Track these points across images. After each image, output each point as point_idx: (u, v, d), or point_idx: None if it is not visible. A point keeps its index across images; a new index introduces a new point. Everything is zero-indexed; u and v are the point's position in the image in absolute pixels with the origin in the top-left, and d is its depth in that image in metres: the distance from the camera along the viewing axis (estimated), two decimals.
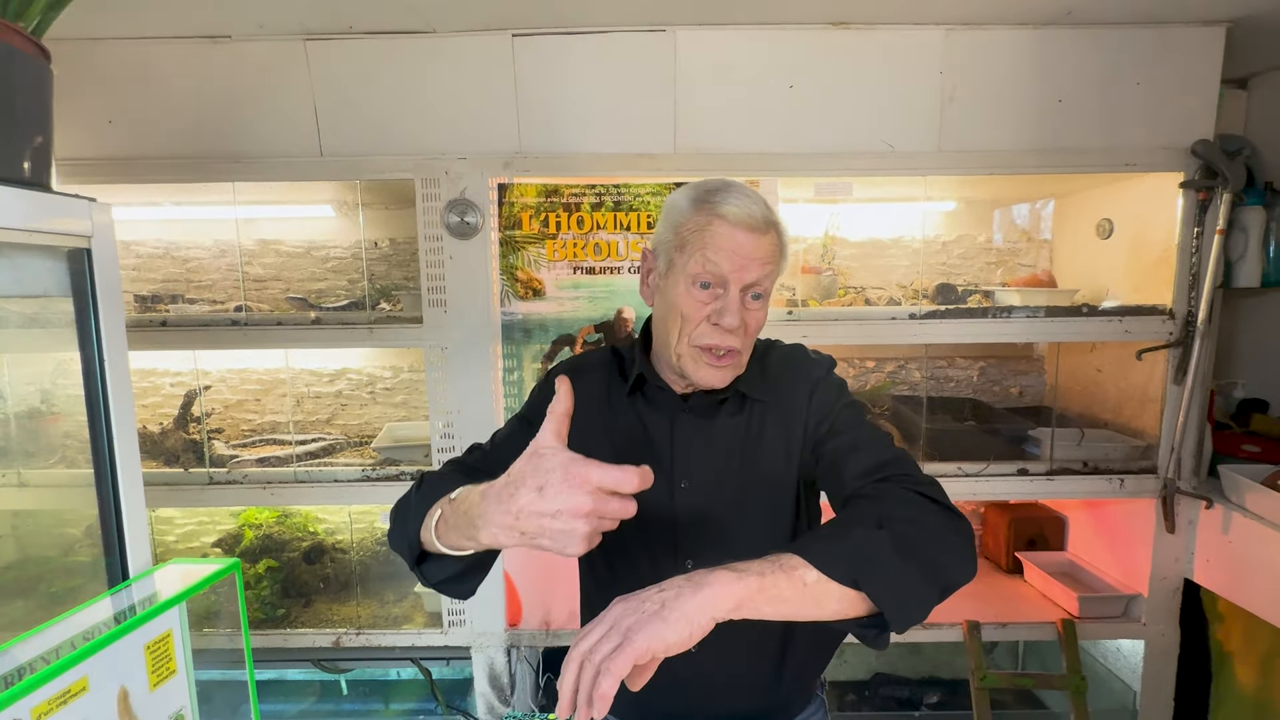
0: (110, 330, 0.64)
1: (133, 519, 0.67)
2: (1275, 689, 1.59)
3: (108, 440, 0.64)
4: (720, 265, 0.79)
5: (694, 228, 0.81)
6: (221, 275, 2.12)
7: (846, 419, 0.85)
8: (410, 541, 0.77)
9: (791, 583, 0.60)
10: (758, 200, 0.82)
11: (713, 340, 0.81)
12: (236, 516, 2.11)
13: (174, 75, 1.61)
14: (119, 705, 0.64)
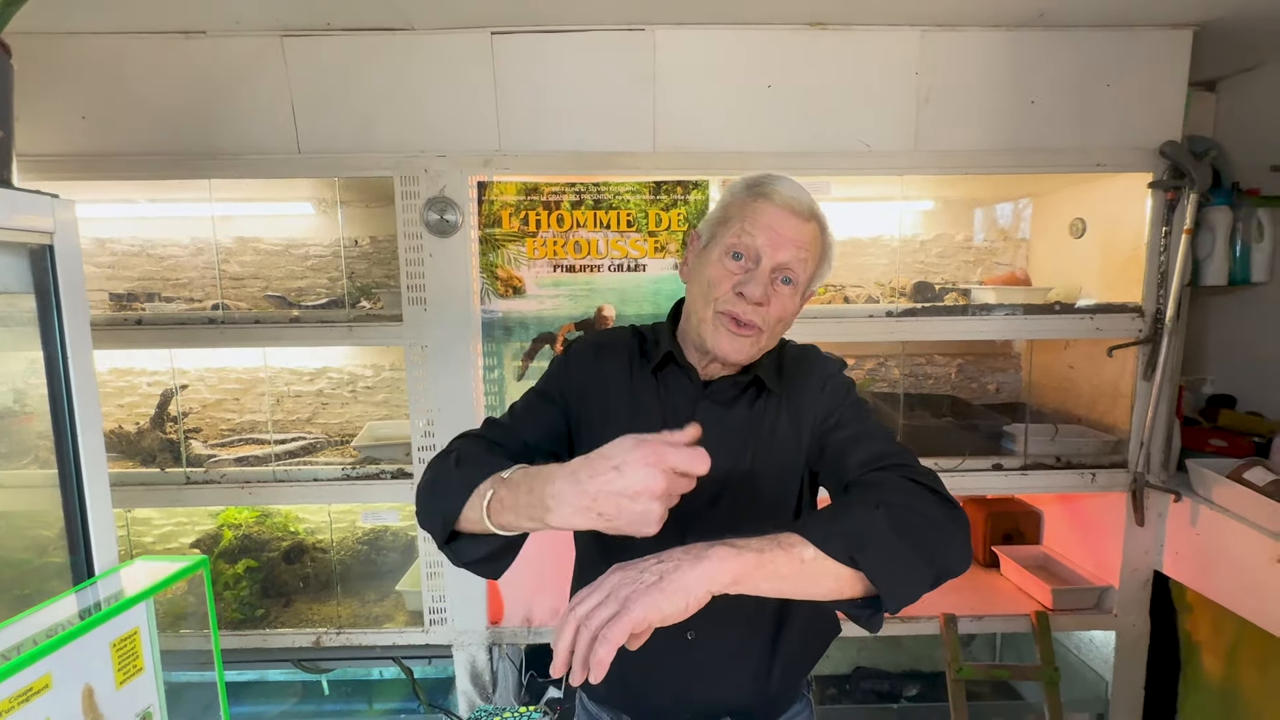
0: (74, 327, 0.63)
1: (98, 516, 0.67)
2: (1241, 678, 1.63)
3: (71, 436, 0.64)
4: (756, 238, 0.82)
5: (740, 204, 0.85)
6: (199, 273, 2.10)
7: (852, 413, 0.88)
8: (446, 518, 0.73)
9: (789, 559, 0.61)
10: (808, 195, 0.86)
11: (735, 308, 0.82)
12: (215, 517, 2.09)
13: (148, 71, 1.59)
14: (83, 703, 0.64)
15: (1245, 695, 1.61)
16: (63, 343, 0.62)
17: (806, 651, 0.99)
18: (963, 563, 0.69)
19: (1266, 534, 1.49)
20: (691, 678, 0.90)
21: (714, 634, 0.89)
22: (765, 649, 0.93)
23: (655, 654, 0.83)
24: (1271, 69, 1.85)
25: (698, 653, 0.88)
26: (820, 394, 0.90)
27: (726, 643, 0.89)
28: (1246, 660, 1.60)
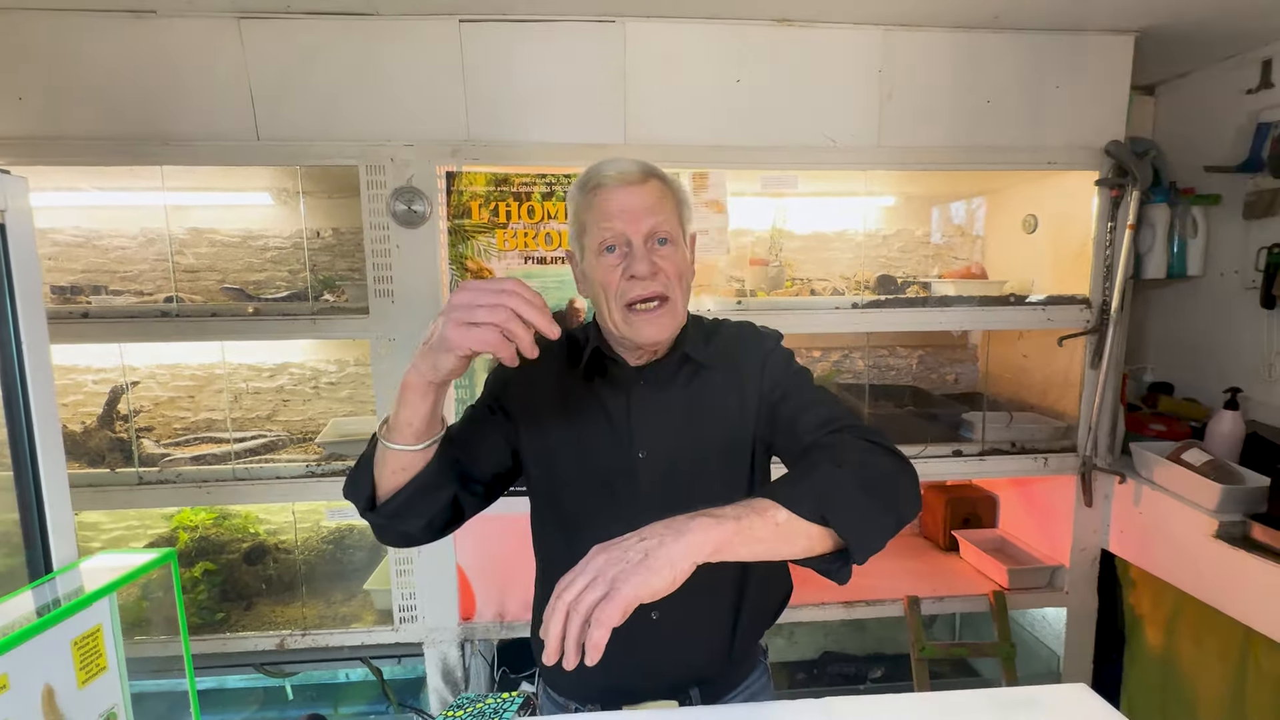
0: (28, 312, 0.60)
1: (56, 509, 0.64)
2: (1179, 648, 1.73)
3: (27, 427, 0.61)
4: (614, 225, 0.83)
5: (584, 207, 0.86)
6: (149, 266, 2.01)
7: (797, 383, 0.91)
8: (364, 479, 0.79)
9: (765, 523, 0.64)
10: (634, 160, 0.87)
11: (634, 293, 0.84)
12: (170, 519, 2.01)
13: (93, 50, 1.52)
14: (44, 704, 0.61)
15: (1183, 664, 1.71)
16: (16, 328, 0.59)
17: (764, 614, 1.02)
18: (915, 508, 0.75)
19: (1202, 511, 1.59)
20: (658, 655, 0.92)
21: (677, 609, 0.89)
22: (727, 617, 0.95)
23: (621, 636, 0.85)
24: (1204, 75, 1.97)
25: (663, 629, 0.90)
26: (763, 369, 0.92)
27: (690, 616, 0.91)
28: (1184, 631, 1.71)
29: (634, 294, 0.83)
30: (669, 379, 0.92)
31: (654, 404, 0.91)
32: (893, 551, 2.23)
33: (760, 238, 2.10)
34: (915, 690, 1.80)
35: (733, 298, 1.78)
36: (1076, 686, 0.77)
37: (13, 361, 0.60)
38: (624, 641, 0.88)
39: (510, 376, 0.97)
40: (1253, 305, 1.82)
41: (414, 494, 0.79)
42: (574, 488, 0.93)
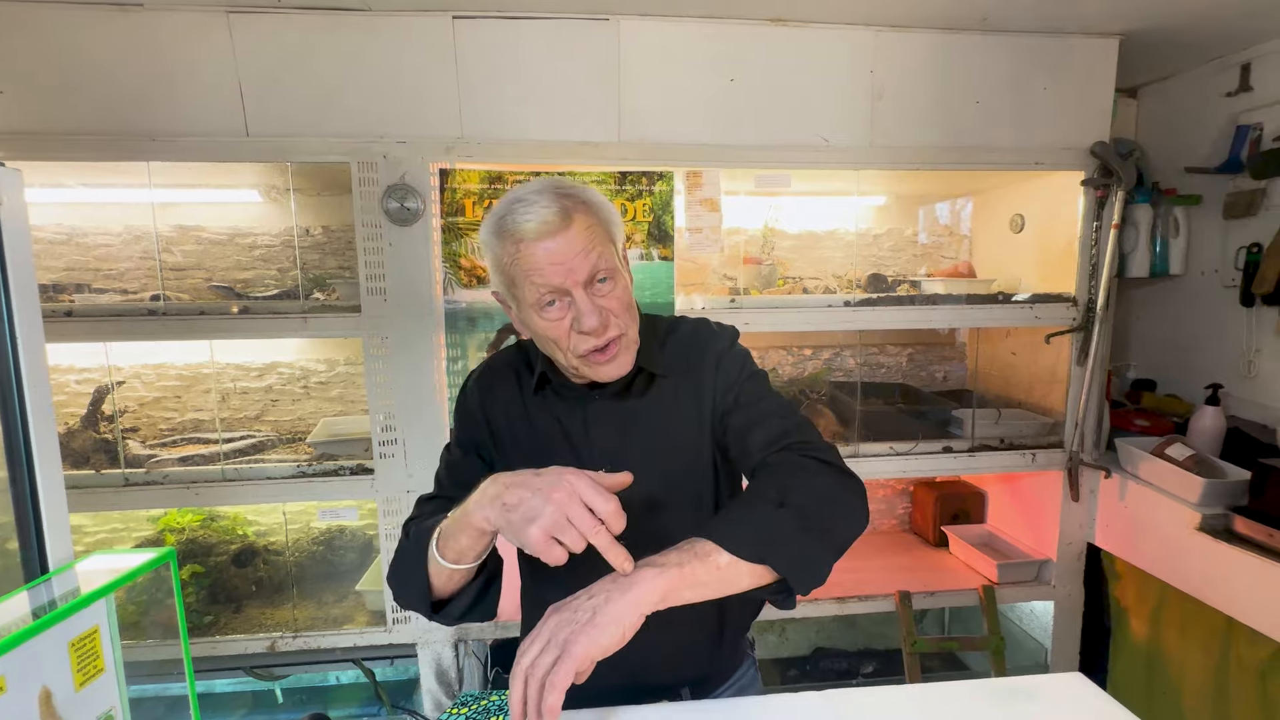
0: (23, 307, 0.59)
1: (52, 509, 0.63)
2: (1163, 639, 1.77)
3: (22, 427, 0.59)
4: (550, 280, 0.77)
5: (509, 260, 0.79)
6: (134, 264, 1.97)
7: (750, 391, 0.88)
8: (421, 589, 0.77)
9: (707, 568, 0.66)
10: (547, 199, 0.78)
11: (587, 346, 0.81)
12: (155, 522, 1.98)
13: (77, 43, 1.49)
14: (40, 706, 0.60)
15: (1167, 654, 1.75)
16: (11, 326, 0.58)
17: (746, 615, 1.02)
18: (860, 527, 0.75)
19: (1185, 504, 1.62)
20: (648, 660, 0.91)
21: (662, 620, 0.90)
22: (713, 618, 0.95)
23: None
24: (1185, 78, 2.01)
25: (652, 635, 0.89)
26: (716, 371, 0.89)
27: (678, 621, 0.91)
28: (1168, 622, 1.74)
29: (589, 346, 0.81)
30: (623, 391, 0.90)
31: (611, 417, 0.90)
32: (883, 548, 2.25)
33: (753, 237, 2.11)
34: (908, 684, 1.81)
35: (726, 296, 1.79)
36: (1073, 676, 0.78)
37: (8, 359, 0.59)
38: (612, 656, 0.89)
39: (472, 408, 0.95)
40: (1233, 303, 1.86)
41: (477, 595, 0.79)
42: None
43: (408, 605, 0.81)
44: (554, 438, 0.91)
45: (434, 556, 0.74)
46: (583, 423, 0.90)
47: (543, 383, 0.91)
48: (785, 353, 2.29)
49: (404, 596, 0.81)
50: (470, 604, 0.79)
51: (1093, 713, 0.72)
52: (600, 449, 0.89)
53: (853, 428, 1.93)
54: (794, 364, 2.29)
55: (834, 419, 1.98)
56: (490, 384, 0.96)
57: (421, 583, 0.76)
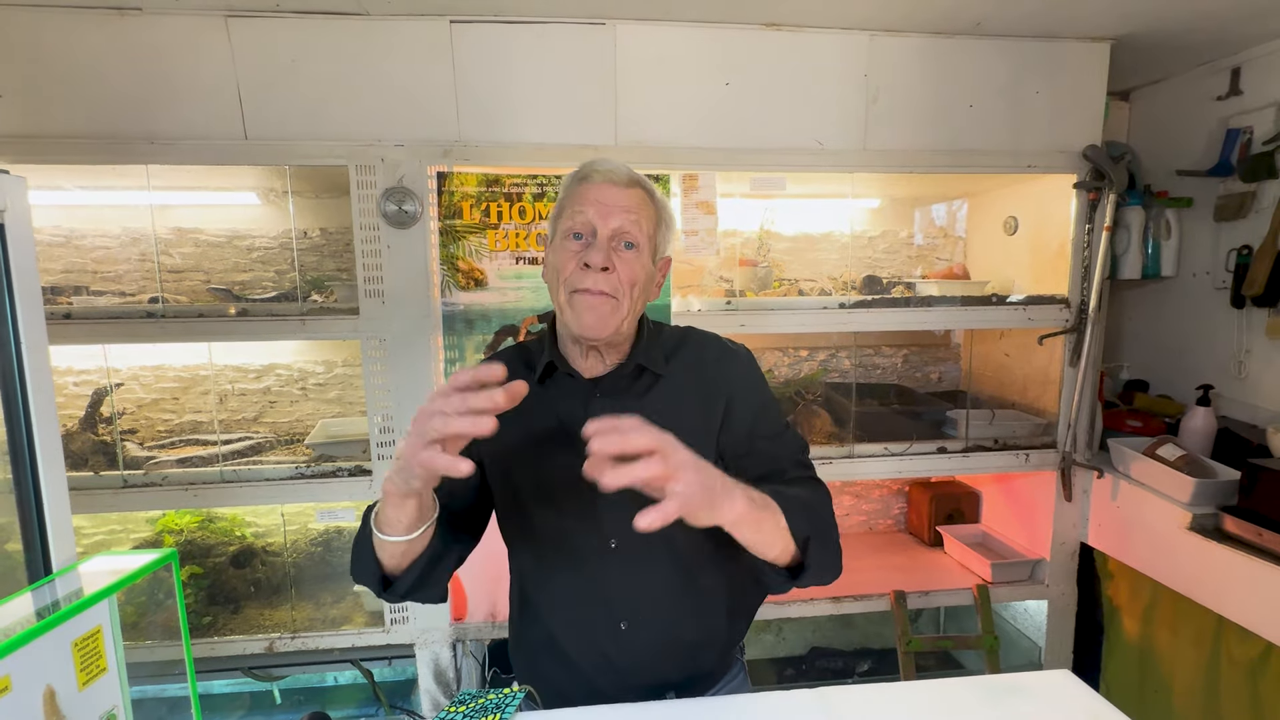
0: (27, 312, 0.60)
1: (55, 510, 0.64)
2: (1155, 637, 1.78)
3: (26, 430, 0.60)
4: (586, 213, 0.85)
5: (568, 193, 0.89)
6: (131, 266, 1.98)
7: (773, 424, 0.95)
8: (368, 564, 0.81)
9: (770, 520, 0.75)
10: (629, 168, 0.89)
11: (584, 283, 0.85)
12: (153, 523, 1.98)
13: (76, 48, 1.49)
14: (45, 705, 0.61)
15: (1159, 652, 1.77)
16: (16, 329, 0.59)
17: (741, 620, 1.03)
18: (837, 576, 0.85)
19: (1176, 504, 1.64)
20: (632, 665, 0.93)
21: (648, 623, 0.92)
22: (698, 631, 0.95)
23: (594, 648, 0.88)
24: (1177, 81, 2.03)
25: (634, 641, 0.91)
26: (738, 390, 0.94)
27: (662, 631, 0.93)
28: (1160, 621, 1.76)
29: (583, 284, 0.84)
30: (625, 389, 0.92)
31: (611, 412, 0.91)
32: (879, 547, 2.27)
33: (749, 239, 2.12)
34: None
35: (722, 298, 1.81)
36: (1061, 673, 0.79)
37: (12, 362, 0.59)
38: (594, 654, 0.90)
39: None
40: (1224, 305, 1.88)
41: (422, 572, 0.82)
42: (537, 502, 0.93)
43: (360, 579, 0.84)
44: (552, 431, 0.92)
45: (376, 534, 0.78)
46: (582, 419, 0.90)
47: (549, 372, 0.93)
48: (781, 354, 2.30)
49: (357, 571, 0.85)
50: (414, 581, 0.82)
51: (1080, 709, 0.73)
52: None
53: (848, 429, 1.94)
54: (790, 365, 2.30)
55: (829, 420, 1.99)
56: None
57: (368, 557, 0.81)
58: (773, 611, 1.89)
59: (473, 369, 0.67)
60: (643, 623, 0.91)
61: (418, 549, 0.80)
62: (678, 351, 0.96)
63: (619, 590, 0.91)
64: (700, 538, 0.91)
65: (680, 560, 0.91)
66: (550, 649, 0.95)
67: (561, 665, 0.95)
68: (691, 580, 0.93)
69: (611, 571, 0.90)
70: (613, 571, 0.90)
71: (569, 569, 0.92)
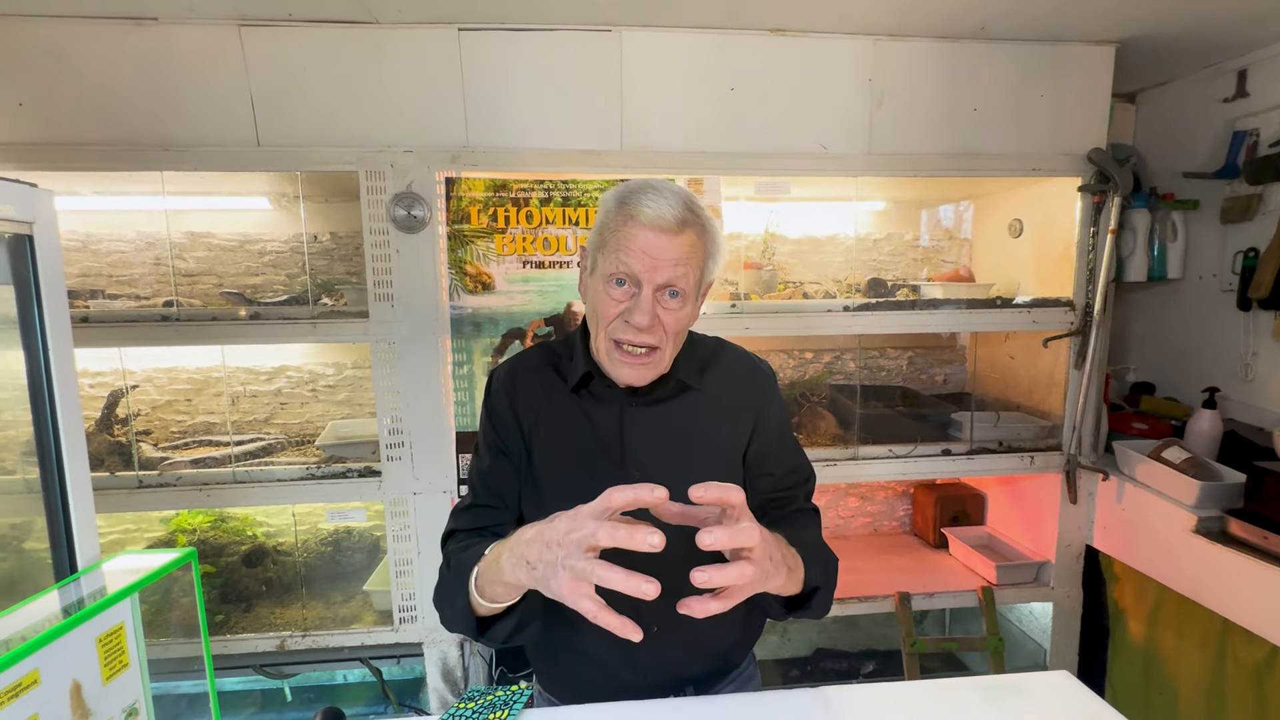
0: (54, 318, 0.62)
1: (80, 511, 0.66)
2: (1160, 639, 1.78)
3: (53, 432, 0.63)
4: (632, 265, 0.80)
5: (613, 228, 0.82)
6: (146, 270, 2.01)
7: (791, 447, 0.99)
8: (465, 617, 0.79)
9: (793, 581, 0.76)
10: (676, 201, 0.81)
11: (624, 336, 0.83)
12: (167, 523, 2.02)
13: (94, 57, 1.53)
14: (71, 699, 0.63)
15: (1165, 655, 1.76)
16: (44, 335, 0.61)
17: (755, 626, 1.06)
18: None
19: (1181, 506, 1.64)
20: (656, 664, 0.95)
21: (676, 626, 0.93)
22: (721, 631, 0.98)
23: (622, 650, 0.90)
24: (1182, 84, 2.03)
25: (662, 643, 0.92)
26: (766, 411, 0.96)
27: (686, 632, 0.94)
28: (1165, 623, 1.76)
29: (623, 336, 0.83)
30: (661, 400, 0.92)
31: (646, 424, 0.91)
32: (884, 549, 2.28)
33: (754, 241, 2.14)
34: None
35: (726, 300, 1.82)
36: (1059, 674, 0.80)
37: (40, 367, 0.62)
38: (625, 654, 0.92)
39: (502, 409, 0.96)
40: (1230, 307, 1.88)
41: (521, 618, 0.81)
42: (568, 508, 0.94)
43: (455, 630, 0.83)
44: (587, 438, 0.92)
45: (473, 595, 0.77)
46: (617, 426, 0.91)
47: (584, 382, 0.92)
48: (786, 355, 2.31)
49: (450, 623, 0.83)
50: (514, 629, 0.81)
51: (1078, 709, 0.74)
52: (632, 453, 0.91)
53: (853, 431, 1.95)
54: (795, 367, 2.31)
55: (834, 422, 2.00)
56: (517, 383, 0.97)
57: (465, 612, 0.78)
58: None
59: (628, 492, 0.64)
60: (671, 626, 0.93)
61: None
62: (711, 365, 0.97)
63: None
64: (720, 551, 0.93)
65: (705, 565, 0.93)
66: (576, 649, 0.96)
67: (588, 664, 0.96)
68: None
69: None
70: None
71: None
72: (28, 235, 0.60)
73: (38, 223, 0.61)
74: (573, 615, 0.95)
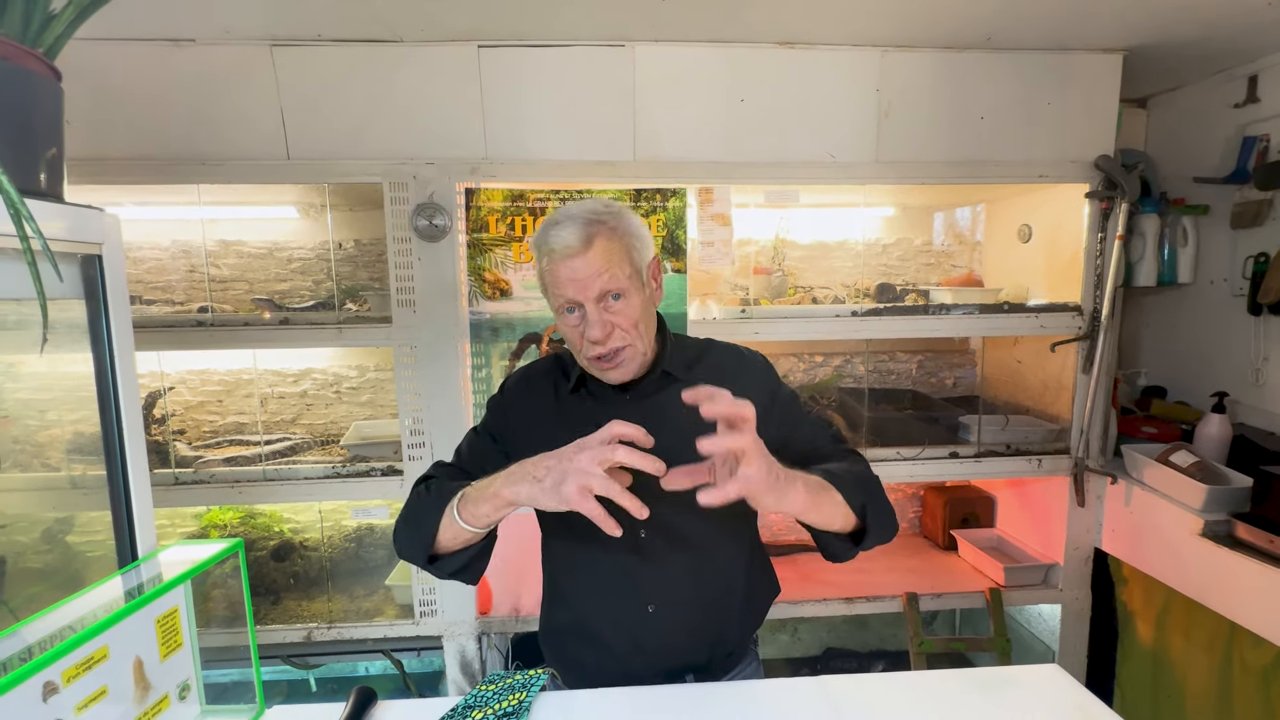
0: (119, 330, 0.69)
1: (140, 505, 0.73)
2: (1169, 642, 1.79)
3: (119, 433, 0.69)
4: (566, 292, 0.91)
5: (544, 269, 0.94)
6: (180, 277, 2.11)
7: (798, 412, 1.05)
8: (426, 540, 0.89)
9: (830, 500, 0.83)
10: (576, 224, 0.90)
11: (593, 353, 0.93)
12: (199, 519, 2.11)
13: (135, 77, 1.62)
14: (134, 673, 0.70)
15: (1173, 657, 1.78)
16: (111, 346, 0.68)
17: (755, 614, 1.11)
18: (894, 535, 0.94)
19: (1188, 510, 1.65)
20: (653, 642, 1.01)
21: (673, 606, 1.00)
22: (719, 616, 1.03)
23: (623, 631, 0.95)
24: (1193, 89, 2.04)
25: (660, 624, 0.98)
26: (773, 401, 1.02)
27: (685, 615, 1.00)
28: (1174, 626, 1.77)
29: (593, 354, 0.93)
30: (652, 394, 1.01)
31: (641, 416, 0.96)
32: (893, 550, 2.30)
33: (764, 247, 2.18)
34: None
35: (737, 306, 1.87)
36: (1049, 667, 0.84)
37: (106, 372, 0.69)
38: (627, 634, 0.97)
39: (508, 404, 1.08)
40: (1240, 312, 1.88)
41: (473, 558, 0.92)
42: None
43: (407, 552, 0.93)
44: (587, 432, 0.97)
45: (453, 516, 0.86)
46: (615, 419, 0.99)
47: (581, 382, 1.03)
48: (796, 359, 2.35)
49: (408, 542, 0.93)
50: (464, 563, 0.91)
51: (1065, 700, 0.78)
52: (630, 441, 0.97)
53: (860, 433, 1.99)
54: (805, 370, 2.35)
55: (843, 424, 2.03)
56: (524, 390, 1.08)
57: (429, 534, 0.88)
58: (787, 611, 1.94)
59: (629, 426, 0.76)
60: (668, 606, 0.99)
61: (476, 539, 0.90)
62: (700, 359, 1.05)
63: (648, 576, 0.99)
64: (718, 529, 0.99)
65: (701, 549, 1.00)
66: (581, 633, 1.04)
67: (592, 648, 1.03)
68: (712, 566, 1.01)
69: (641, 559, 0.99)
70: (642, 559, 0.99)
71: (602, 558, 1.01)
72: (97, 255, 0.67)
73: (106, 243, 0.68)
74: (580, 600, 1.02)
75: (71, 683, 0.62)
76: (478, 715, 0.80)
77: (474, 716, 0.80)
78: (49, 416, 1.18)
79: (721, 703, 0.83)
